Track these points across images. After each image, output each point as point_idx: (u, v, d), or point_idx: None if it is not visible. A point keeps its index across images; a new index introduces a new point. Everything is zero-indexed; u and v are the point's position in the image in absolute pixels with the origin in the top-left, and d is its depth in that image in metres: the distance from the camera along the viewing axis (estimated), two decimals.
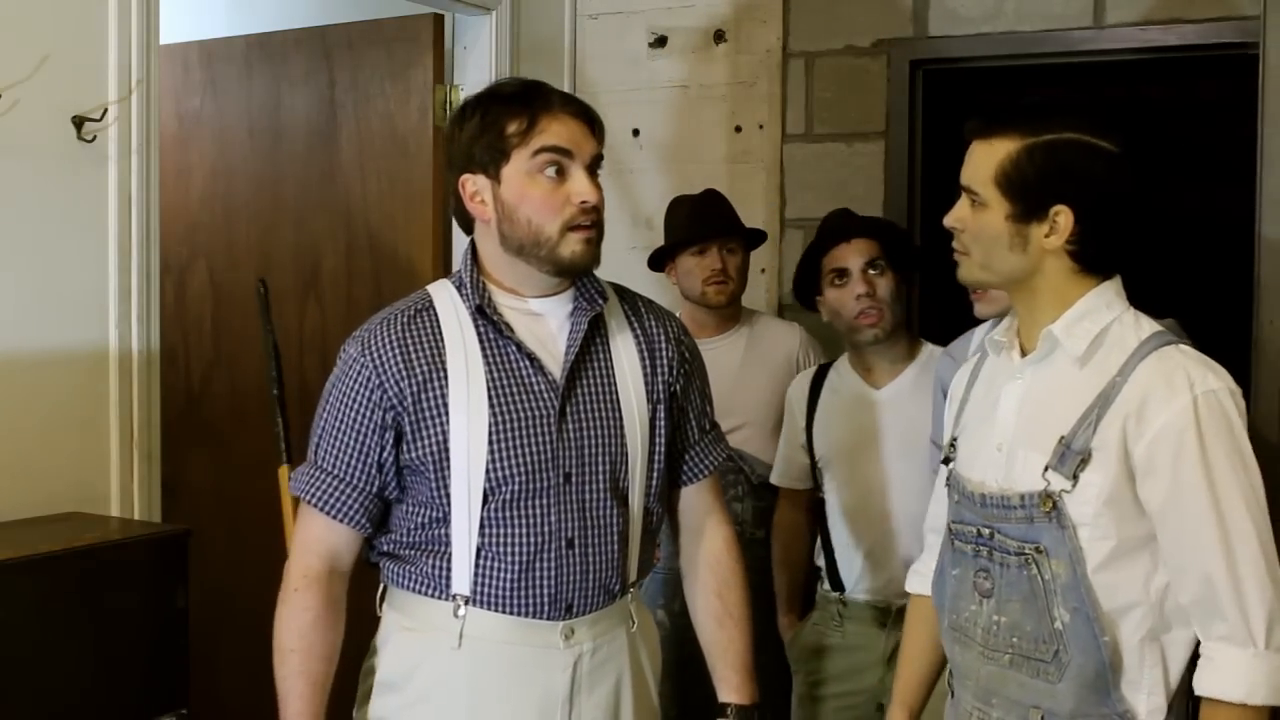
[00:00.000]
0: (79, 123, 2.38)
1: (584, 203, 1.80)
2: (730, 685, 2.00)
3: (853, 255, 2.61)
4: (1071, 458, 1.65)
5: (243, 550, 3.10)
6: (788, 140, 3.49)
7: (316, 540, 1.87)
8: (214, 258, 3.49)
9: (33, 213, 2.32)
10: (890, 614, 2.60)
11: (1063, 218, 1.68)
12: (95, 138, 2.41)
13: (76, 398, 2.40)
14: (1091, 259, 1.71)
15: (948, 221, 1.78)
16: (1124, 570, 1.65)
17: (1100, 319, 1.71)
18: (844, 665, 2.66)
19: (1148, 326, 1.72)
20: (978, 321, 2.41)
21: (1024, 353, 1.79)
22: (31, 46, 2.31)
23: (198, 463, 3.31)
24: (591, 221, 1.82)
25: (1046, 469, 1.68)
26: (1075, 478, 1.65)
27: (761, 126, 3.50)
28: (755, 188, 3.48)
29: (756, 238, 3.06)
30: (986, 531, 1.75)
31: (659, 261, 3.05)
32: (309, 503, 1.86)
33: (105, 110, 2.42)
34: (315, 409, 1.90)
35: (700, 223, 2.98)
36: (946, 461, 1.90)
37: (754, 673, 2.02)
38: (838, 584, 2.68)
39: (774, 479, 2.86)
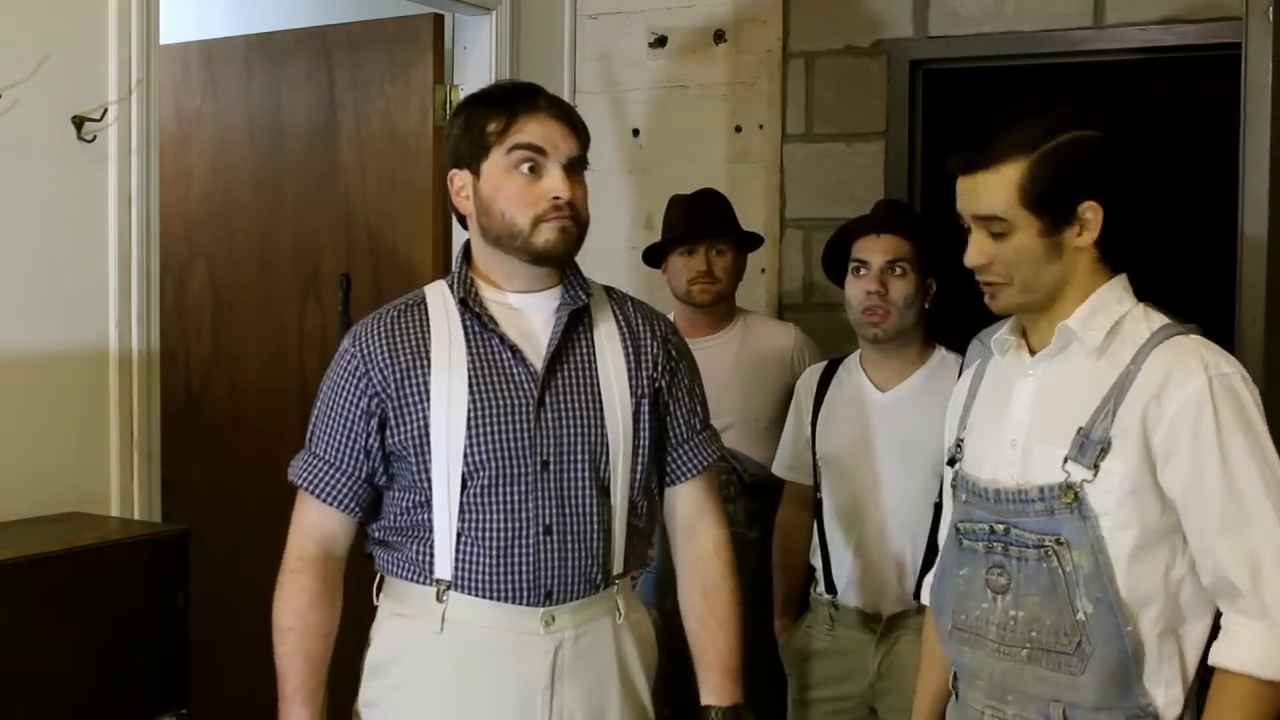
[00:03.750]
0: (79, 123, 2.38)
1: (556, 198, 1.85)
2: (710, 687, 2.01)
3: (876, 250, 2.58)
4: (1091, 448, 1.67)
5: (243, 550, 3.09)
6: (788, 140, 3.49)
7: (311, 524, 1.94)
8: (214, 258, 3.49)
9: (33, 213, 2.32)
10: (881, 621, 2.59)
11: (1091, 213, 1.71)
12: (95, 138, 2.41)
13: (76, 398, 2.40)
14: (1113, 249, 1.73)
15: (971, 262, 1.77)
16: (1146, 561, 1.67)
17: (1113, 312, 1.74)
18: (835, 670, 2.64)
19: (1158, 319, 1.75)
20: (990, 320, 2.40)
21: (1032, 350, 1.80)
22: (31, 46, 2.31)
23: (198, 463, 3.31)
24: (565, 214, 1.87)
25: (1066, 460, 1.69)
26: (1096, 467, 1.67)
27: (761, 126, 3.50)
28: (755, 188, 3.48)
29: (750, 239, 3.06)
30: (1001, 527, 1.75)
31: (656, 259, 3.07)
32: (302, 487, 1.94)
33: (105, 110, 2.42)
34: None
35: (689, 223, 2.99)
36: (952, 463, 1.89)
37: (738, 674, 2.02)
38: (831, 587, 2.66)
39: (776, 469, 2.84)
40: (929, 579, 2.00)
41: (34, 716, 1.95)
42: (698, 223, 2.98)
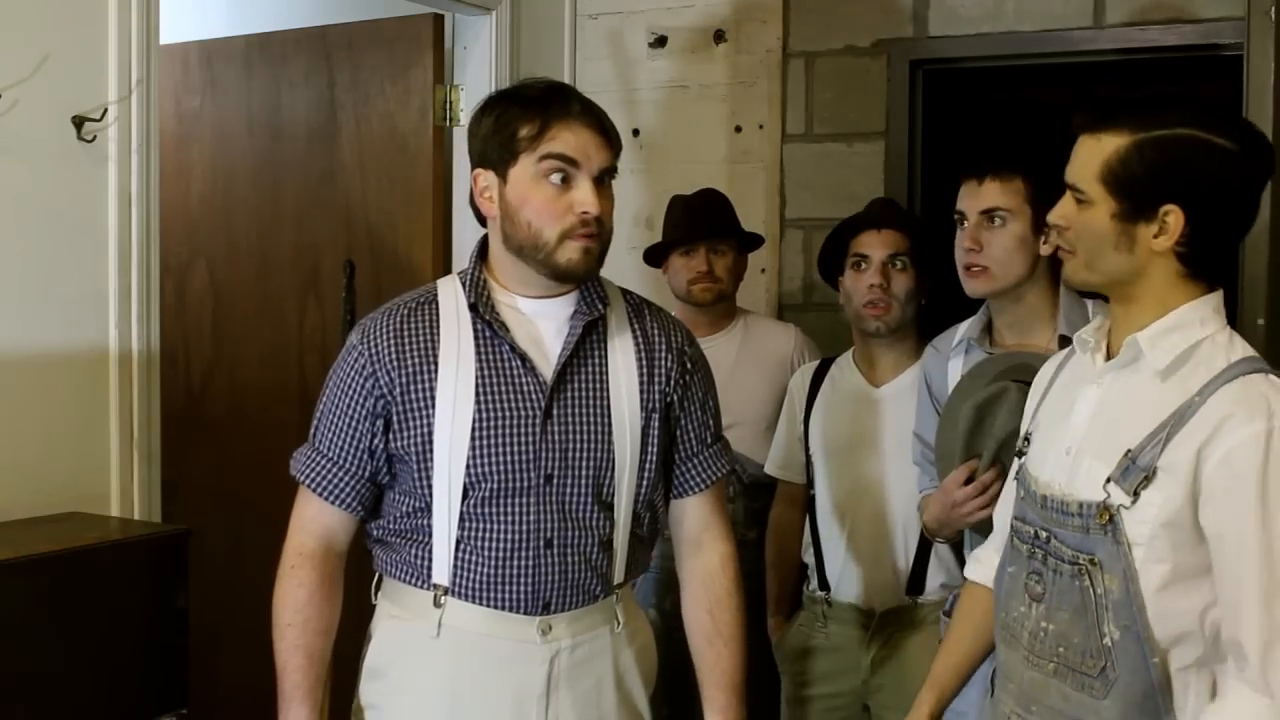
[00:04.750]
0: (79, 123, 2.37)
1: (584, 213, 1.80)
2: (716, 705, 1.99)
3: (878, 245, 2.60)
4: (1135, 473, 1.59)
5: (242, 550, 3.10)
6: (788, 140, 3.49)
7: (311, 520, 1.92)
8: (214, 258, 3.50)
9: (33, 213, 2.32)
10: (874, 617, 2.60)
11: (1173, 218, 1.59)
12: (95, 138, 2.41)
13: (76, 398, 2.40)
14: (1200, 263, 1.63)
15: (1052, 218, 1.70)
16: (1180, 598, 1.58)
17: (1191, 334, 1.62)
18: (828, 667, 2.65)
19: (1240, 349, 1.62)
20: (967, 315, 2.41)
21: (1110, 356, 1.71)
22: (31, 46, 2.31)
23: (198, 463, 3.31)
24: (591, 232, 1.82)
25: (1108, 481, 1.61)
26: (1135, 494, 1.58)
27: (761, 126, 3.50)
28: (755, 188, 3.48)
29: (750, 239, 3.06)
30: (1043, 534, 1.69)
31: (656, 259, 3.06)
32: (304, 484, 1.92)
33: (105, 110, 2.42)
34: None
35: (689, 224, 2.99)
36: (1020, 455, 1.82)
37: (743, 691, 2.00)
38: (825, 583, 2.67)
39: (769, 468, 2.85)
40: (977, 553, 1.96)
41: (33, 716, 1.95)
42: (698, 223, 2.99)
